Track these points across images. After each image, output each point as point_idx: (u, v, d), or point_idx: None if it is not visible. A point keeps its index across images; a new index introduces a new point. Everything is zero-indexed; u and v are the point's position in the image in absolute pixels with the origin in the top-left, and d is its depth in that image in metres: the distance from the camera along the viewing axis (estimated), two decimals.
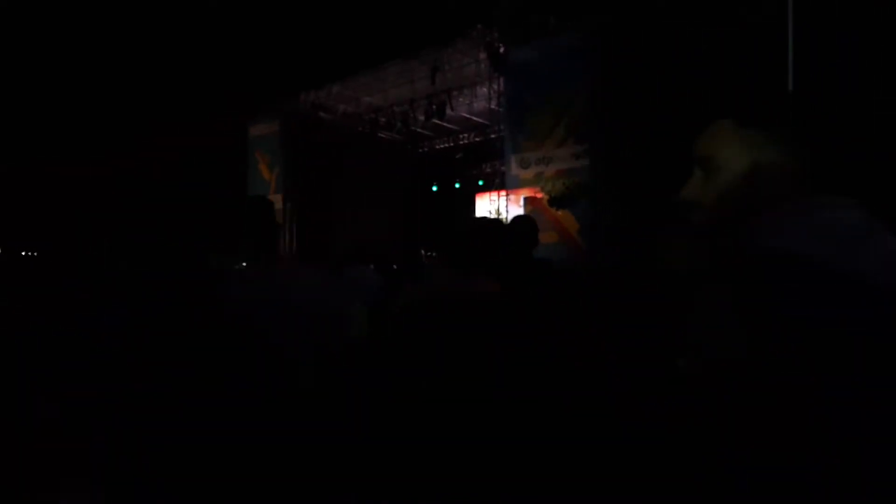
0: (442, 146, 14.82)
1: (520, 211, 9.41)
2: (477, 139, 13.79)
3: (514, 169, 9.36)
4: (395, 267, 7.51)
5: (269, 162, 14.15)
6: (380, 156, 14.47)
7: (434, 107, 11.42)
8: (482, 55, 10.44)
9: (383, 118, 13.13)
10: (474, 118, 13.41)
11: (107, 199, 14.95)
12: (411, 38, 10.81)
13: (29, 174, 15.13)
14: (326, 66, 12.99)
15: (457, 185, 15.00)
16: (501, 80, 9.94)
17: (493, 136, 12.43)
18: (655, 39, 6.91)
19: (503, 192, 9.90)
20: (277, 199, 13.60)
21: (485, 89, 11.30)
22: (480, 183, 14.47)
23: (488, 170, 13.72)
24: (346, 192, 13.86)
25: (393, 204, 14.74)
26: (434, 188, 15.38)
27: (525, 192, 9.30)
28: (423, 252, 13.73)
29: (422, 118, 12.42)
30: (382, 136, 14.31)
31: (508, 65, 9.51)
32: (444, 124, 14.26)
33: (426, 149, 15.16)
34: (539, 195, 9.05)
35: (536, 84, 8.75)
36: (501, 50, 9.77)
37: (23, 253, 12.61)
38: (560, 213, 8.54)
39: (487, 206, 12.87)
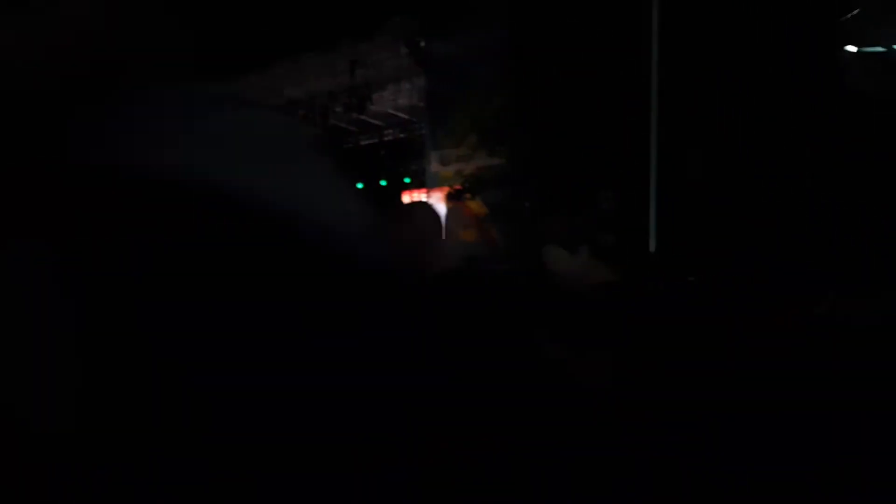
0: (366, 142, 14.50)
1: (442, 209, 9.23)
2: (402, 135, 13.54)
3: (435, 166, 9.15)
4: None
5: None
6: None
7: (354, 101, 11.08)
8: (404, 49, 10.20)
9: (303, 111, 12.73)
10: (399, 114, 13.16)
11: None
12: (328, 28, 10.45)
13: None
14: (240, 56, 12.45)
15: (382, 183, 14.70)
16: None
17: (418, 132, 12.22)
18: (569, 39, 6.82)
19: (425, 191, 9.69)
20: None
21: (409, 85, 11.08)
22: (407, 181, 14.23)
23: (415, 167, 13.50)
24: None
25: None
26: (359, 185, 15.02)
27: (447, 190, 9.10)
28: None
29: (346, 113, 12.07)
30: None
31: (429, 59, 9.30)
32: (370, 120, 13.97)
33: (350, 144, 14.80)
34: (457, 188, 8.89)
35: (457, 79, 8.56)
36: (423, 44, 9.56)
37: None
38: (478, 208, 8.37)
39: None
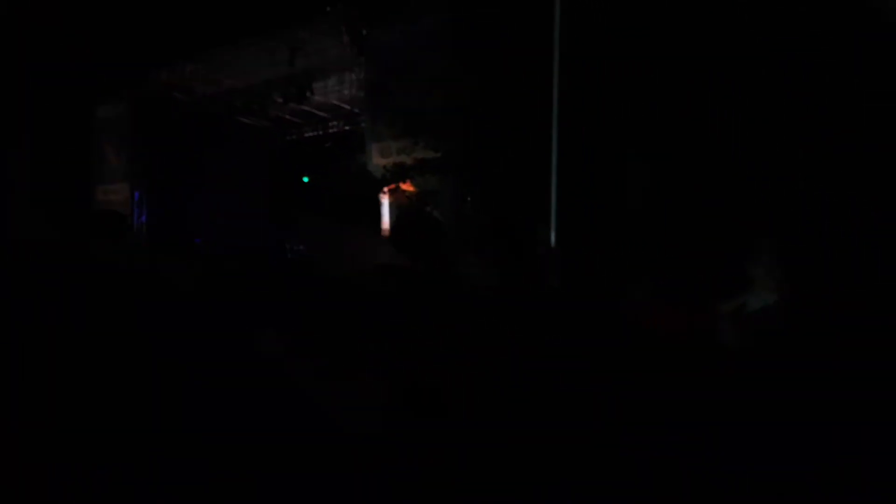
0: (311, 134, 14.07)
1: (385, 203, 8.95)
2: (347, 128, 13.15)
3: (376, 158, 8.85)
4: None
5: (116, 146, 12.90)
6: (243, 142, 13.56)
7: (294, 90, 10.64)
8: (346, 38, 9.84)
9: (241, 102, 12.24)
10: (344, 105, 12.77)
11: None
12: (267, 14, 10.01)
13: None
14: (176, 42, 11.89)
15: (305, 179, 14.31)
16: None
17: (363, 124, 11.87)
18: (510, 28, 6.58)
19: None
20: (123, 188, 12.46)
21: (355, 75, 10.70)
22: (305, 179, 13.87)
23: (362, 160, 13.14)
24: (203, 179, 12.88)
25: (256, 193, 13.86)
26: (305, 179, 14.60)
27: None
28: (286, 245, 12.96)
29: (285, 103, 11.63)
30: (247, 121, 13.40)
31: (369, 48, 8.97)
32: (314, 111, 13.55)
33: (294, 136, 14.35)
34: (404, 186, 8.61)
35: (397, 69, 8.25)
36: (364, 32, 9.22)
37: None
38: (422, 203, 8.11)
39: None
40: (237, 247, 11.41)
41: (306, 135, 14.17)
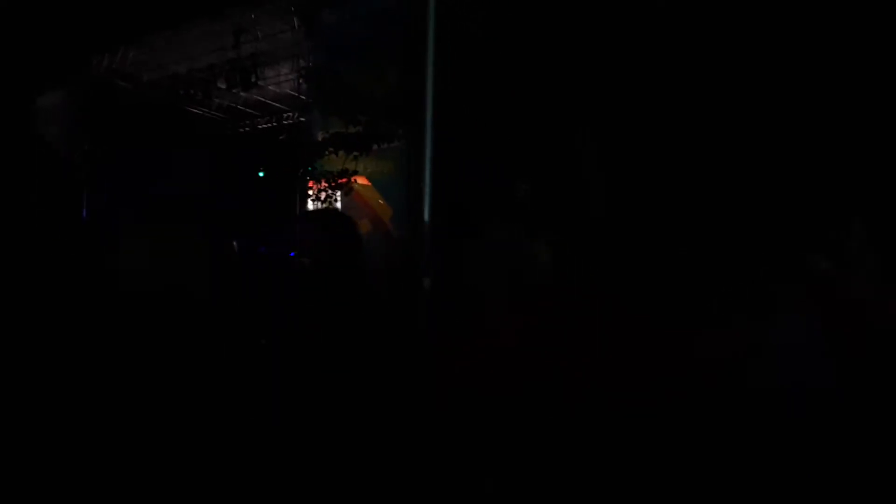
0: (265, 125, 13.36)
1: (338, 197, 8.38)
2: (302, 119, 12.48)
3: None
4: None
5: (56, 136, 12.06)
6: (191, 132, 12.81)
7: (237, 76, 9.90)
8: (297, 21, 9.21)
9: (185, 89, 11.49)
10: (302, 96, 12.11)
11: None
12: None
13: None
14: (116, 25, 11.08)
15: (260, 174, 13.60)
16: None
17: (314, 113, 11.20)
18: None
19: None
20: None
21: (310, 63, 10.04)
22: (261, 174, 13.20)
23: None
24: (148, 171, 12.09)
25: (205, 188, 13.10)
26: (260, 174, 13.88)
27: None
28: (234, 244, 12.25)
29: (229, 89, 10.91)
30: (196, 111, 12.65)
31: (319, 30, 8.32)
32: (269, 101, 12.87)
33: (247, 127, 13.63)
34: (355, 179, 8.02)
35: (347, 52, 7.62)
36: (316, 16, 8.57)
37: None
38: (373, 198, 7.55)
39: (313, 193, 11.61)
40: None
41: (260, 126, 13.46)
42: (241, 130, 13.73)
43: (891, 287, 2.39)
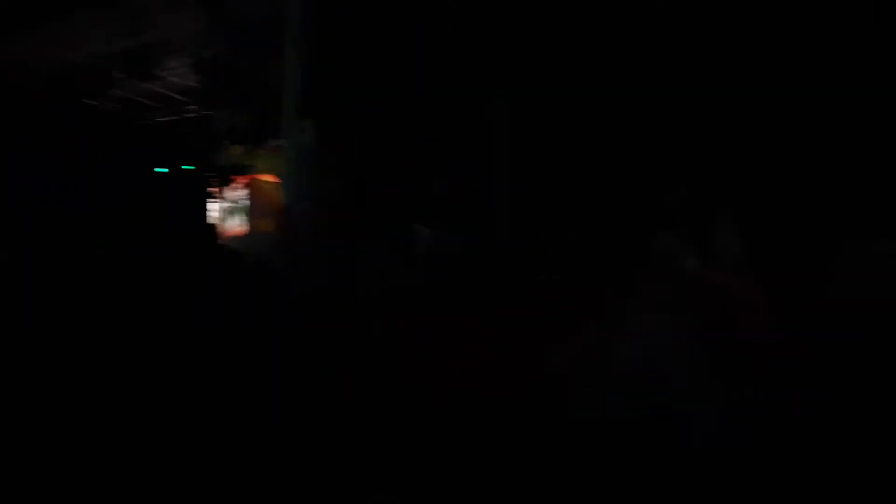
0: (166, 119, 12.73)
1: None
2: (205, 112, 11.97)
3: (228, 146, 7.90)
4: None
5: None
6: (88, 126, 12.03)
7: (134, 66, 9.39)
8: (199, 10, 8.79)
9: (80, 80, 10.83)
10: (204, 88, 11.60)
11: None
12: None
13: None
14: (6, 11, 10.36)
15: (189, 168, 13.00)
16: None
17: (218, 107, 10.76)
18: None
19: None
20: None
21: (208, 52, 9.61)
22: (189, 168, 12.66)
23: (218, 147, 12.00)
24: (39, 168, 11.27)
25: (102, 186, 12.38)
26: (164, 170, 13.20)
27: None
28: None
29: (126, 80, 10.36)
30: (91, 102, 11.89)
31: (217, 21, 7.99)
32: (171, 94, 12.27)
33: (149, 120, 12.94)
34: (257, 176, 7.77)
35: (248, 41, 7.35)
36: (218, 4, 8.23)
37: None
38: (275, 192, 7.30)
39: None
40: None
41: (160, 119, 12.82)
42: (142, 124, 13.04)
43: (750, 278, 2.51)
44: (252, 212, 8.20)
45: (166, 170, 13.73)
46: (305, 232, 5.85)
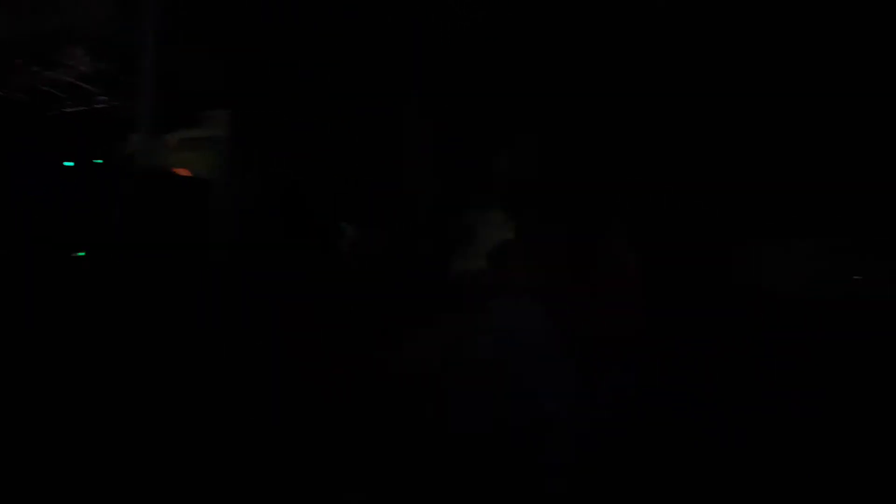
0: (73, 110, 12.05)
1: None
2: (117, 104, 11.40)
3: (147, 140, 7.51)
4: None
5: None
6: None
7: (36, 51, 8.83)
8: None
9: None
10: (118, 77, 11.05)
11: None
12: None
13: None
14: None
15: (98, 161, 12.35)
16: None
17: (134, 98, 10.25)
18: None
19: None
20: None
21: (123, 39, 9.12)
22: (99, 161, 12.08)
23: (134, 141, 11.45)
24: None
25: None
26: (70, 164, 12.50)
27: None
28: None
29: (27, 66, 9.75)
30: None
31: (140, 5, 7.60)
32: (79, 83, 11.61)
33: (56, 112, 12.22)
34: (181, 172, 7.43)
35: (170, 29, 7.01)
36: None
37: None
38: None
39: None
40: None
41: (67, 111, 12.13)
42: (47, 115, 12.31)
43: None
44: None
45: (72, 164, 13.05)
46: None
